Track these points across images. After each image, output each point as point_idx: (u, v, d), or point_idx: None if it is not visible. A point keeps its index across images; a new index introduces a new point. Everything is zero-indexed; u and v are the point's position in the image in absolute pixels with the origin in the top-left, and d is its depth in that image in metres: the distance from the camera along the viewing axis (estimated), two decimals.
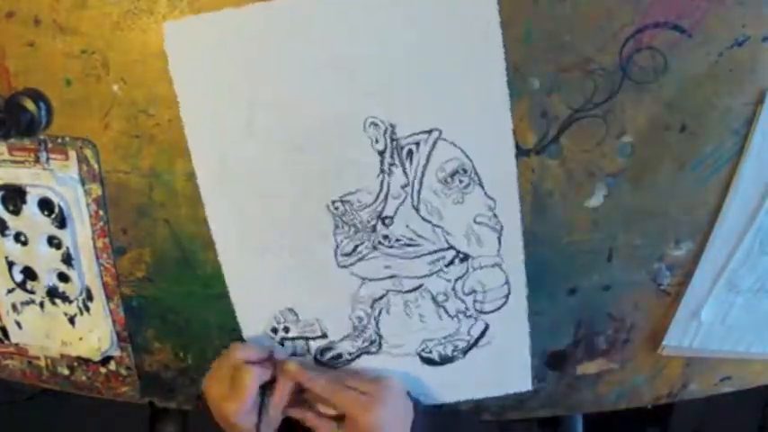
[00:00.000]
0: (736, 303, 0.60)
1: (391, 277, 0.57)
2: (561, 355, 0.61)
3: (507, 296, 0.57)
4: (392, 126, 0.51)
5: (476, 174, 0.52)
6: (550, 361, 0.61)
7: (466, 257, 0.56)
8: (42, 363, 0.66)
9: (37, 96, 0.52)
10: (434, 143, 0.51)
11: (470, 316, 0.59)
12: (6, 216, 0.57)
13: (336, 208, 0.54)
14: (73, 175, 0.55)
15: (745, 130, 0.52)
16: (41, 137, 0.54)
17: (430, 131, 0.51)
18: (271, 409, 0.55)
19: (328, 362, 0.60)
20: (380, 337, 0.59)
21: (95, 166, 0.54)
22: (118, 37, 0.50)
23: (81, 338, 0.62)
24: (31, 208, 0.56)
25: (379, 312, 0.58)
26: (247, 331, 0.59)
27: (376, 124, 0.51)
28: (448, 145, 0.52)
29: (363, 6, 0.48)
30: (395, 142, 0.51)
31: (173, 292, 0.59)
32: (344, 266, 0.56)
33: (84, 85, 0.51)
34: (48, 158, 0.54)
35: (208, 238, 0.56)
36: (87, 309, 0.60)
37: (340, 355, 0.60)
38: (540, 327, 0.59)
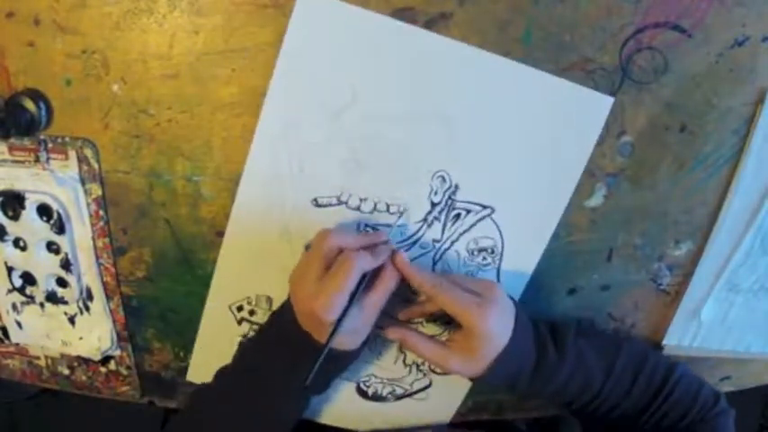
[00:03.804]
0: (736, 303, 0.60)
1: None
2: None
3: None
4: (456, 187, 0.52)
5: (500, 259, 0.55)
6: None
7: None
8: (42, 362, 0.66)
9: (37, 96, 0.52)
10: (483, 217, 0.53)
11: (421, 371, 0.61)
12: (5, 222, 0.57)
13: (366, 232, 0.54)
14: (73, 175, 0.55)
15: (745, 130, 0.52)
16: (41, 137, 0.54)
17: (485, 206, 0.53)
18: (365, 308, 0.47)
19: None
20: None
21: (95, 166, 0.54)
22: (118, 37, 0.50)
23: (81, 338, 0.62)
24: (29, 214, 0.56)
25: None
26: (213, 299, 0.58)
27: (443, 179, 0.52)
28: (492, 224, 0.54)
29: (487, 77, 0.49)
30: (450, 201, 0.53)
31: (173, 292, 0.59)
32: None
33: (84, 85, 0.51)
34: (48, 158, 0.54)
35: (208, 238, 0.56)
36: (87, 308, 0.60)
37: None
38: None
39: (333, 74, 0.49)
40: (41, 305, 0.61)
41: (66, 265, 0.58)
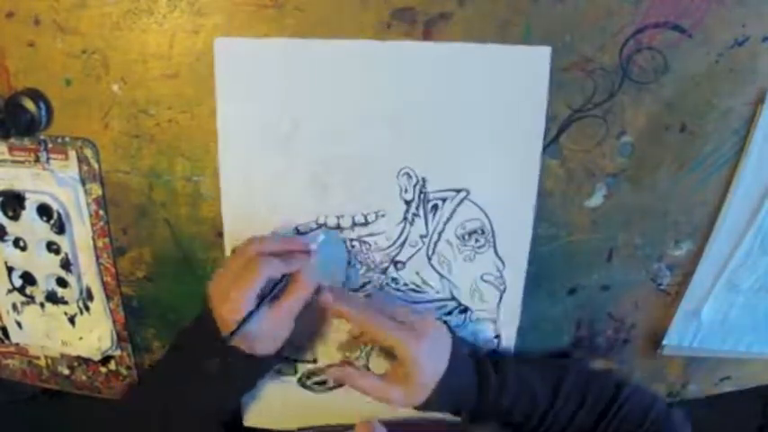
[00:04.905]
0: (737, 303, 0.60)
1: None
2: (561, 356, 0.61)
3: (495, 350, 0.59)
4: (423, 180, 0.52)
5: (492, 236, 0.54)
6: None
7: (465, 310, 0.57)
8: (42, 362, 0.66)
9: (37, 96, 0.52)
10: (460, 202, 0.53)
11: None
12: (5, 222, 0.57)
13: (353, 246, 0.54)
14: (73, 175, 0.55)
15: (745, 130, 0.52)
16: (41, 137, 0.54)
17: (458, 190, 0.53)
18: (274, 314, 0.47)
19: (311, 386, 0.60)
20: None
21: (95, 166, 0.54)
22: (118, 37, 0.50)
23: (81, 338, 0.62)
24: (30, 214, 0.56)
25: (372, 349, 0.58)
26: None
27: (409, 175, 0.52)
28: (472, 206, 0.53)
29: (420, 66, 0.49)
30: (423, 195, 0.53)
31: (173, 292, 0.59)
32: None
33: (84, 85, 0.51)
34: (48, 158, 0.54)
35: (208, 238, 0.56)
36: (87, 308, 0.60)
37: (325, 382, 0.60)
38: (540, 327, 0.59)
39: (268, 107, 0.50)
40: (41, 305, 0.61)
41: (66, 265, 0.58)
